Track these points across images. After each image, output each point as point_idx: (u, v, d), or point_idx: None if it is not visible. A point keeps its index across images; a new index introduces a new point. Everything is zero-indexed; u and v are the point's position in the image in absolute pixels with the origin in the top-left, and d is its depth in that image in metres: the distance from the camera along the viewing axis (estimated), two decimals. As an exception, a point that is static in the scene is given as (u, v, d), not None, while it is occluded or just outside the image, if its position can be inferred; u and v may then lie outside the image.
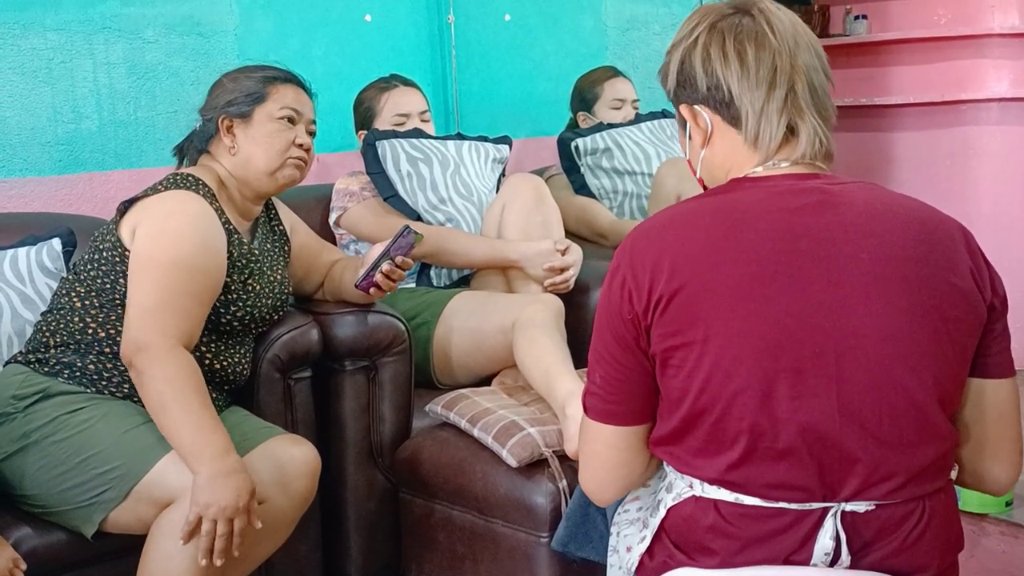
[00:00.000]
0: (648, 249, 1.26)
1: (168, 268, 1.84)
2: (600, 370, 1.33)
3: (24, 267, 2.10)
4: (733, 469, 1.25)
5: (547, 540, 1.92)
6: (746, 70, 1.30)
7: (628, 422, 1.33)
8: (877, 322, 1.22)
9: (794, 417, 1.21)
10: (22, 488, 1.78)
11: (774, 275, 1.22)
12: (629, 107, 3.23)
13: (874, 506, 1.25)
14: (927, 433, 1.25)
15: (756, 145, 1.32)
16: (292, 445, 1.90)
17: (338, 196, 2.65)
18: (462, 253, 2.53)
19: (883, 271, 1.23)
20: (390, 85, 2.75)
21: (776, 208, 1.26)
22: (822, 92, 1.32)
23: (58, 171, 2.58)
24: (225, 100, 2.06)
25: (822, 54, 1.35)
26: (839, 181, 1.30)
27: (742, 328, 1.21)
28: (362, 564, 2.26)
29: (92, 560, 1.82)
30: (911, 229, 1.26)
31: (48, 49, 2.55)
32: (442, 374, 2.46)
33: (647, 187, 3.09)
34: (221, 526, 1.66)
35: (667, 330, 1.24)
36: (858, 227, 1.25)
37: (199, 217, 1.91)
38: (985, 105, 3.42)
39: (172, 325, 1.79)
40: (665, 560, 1.34)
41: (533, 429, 2.01)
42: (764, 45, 1.30)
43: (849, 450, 1.22)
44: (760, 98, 1.29)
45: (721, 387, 1.22)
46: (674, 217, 1.29)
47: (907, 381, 1.22)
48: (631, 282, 1.26)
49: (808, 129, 1.31)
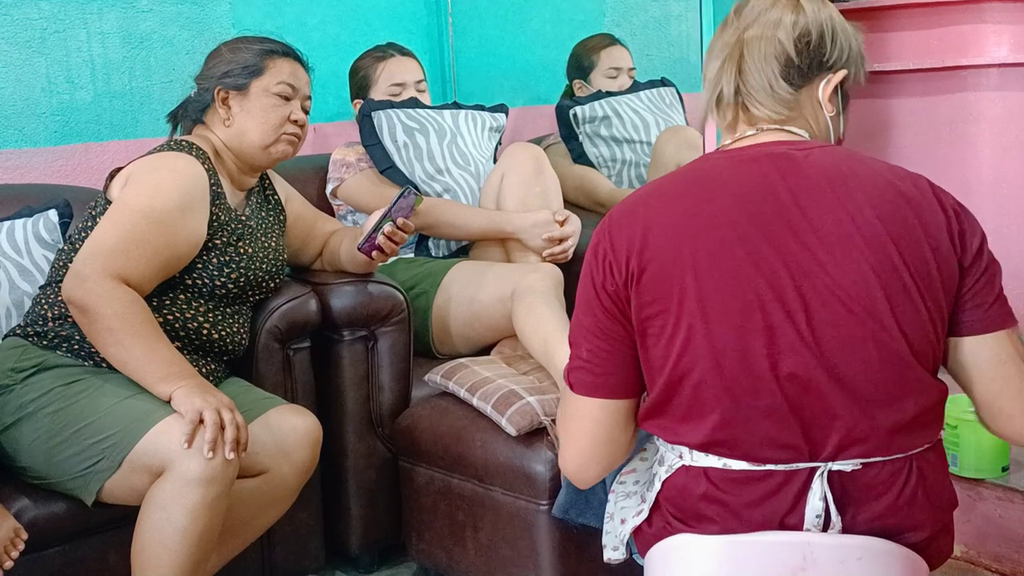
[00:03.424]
0: (624, 223, 1.32)
1: (136, 215, 1.83)
2: (587, 344, 1.36)
3: (21, 239, 2.10)
4: (718, 431, 1.27)
5: (546, 508, 1.93)
6: (711, 48, 1.42)
7: (616, 395, 1.36)
8: (847, 280, 1.25)
9: (772, 374, 1.25)
10: (19, 459, 1.79)
11: (743, 238, 1.26)
12: (625, 75, 3.21)
13: (860, 465, 1.27)
14: (907, 387, 1.27)
15: (718, 113, 1.41)
16: (293, 415, 1.91)
17: (335, 167, 2.64)
18: (460, 225, 2.53)
19: (850, 230, 1.26)
20: (386, 54, 2.73)
21: (743, 174, 1.31)
22: (759, 57, 1.36)
23: (54, 142, 2.57)
24: (222, 71, 2.05)
25: (787, 25, 1.37)
26: (806, 146, 1.34)
27: (715, 290, 1.25)
28: (362, 533, 2.28)
29: (93, 529, 1.84)
30: (878, 189, 1.29)
31: (41, 19, 2.53)
32: (441, 344, 2.46)
33: (645, 155, 3.09)
34: (225, 415, 1.67)
35: (644, 299, 1.29)
36: (824, 188, 1.28)
37: (183, 174, 1.90)
38: (985, 71, 3.39)
39: (120, 267, 1.78)
40: (663, 526, 1.36)
41: (532, 398, 2.01)
42: (726, 26, 1.41)
43: (829, 404, 1.25)
44: (711, 71, 1.40)
45: (699, 350, 1.26)
46: (649, 191, 1.36)
47: (880, 336, 1.25)
48: (611, 255, 1.31)
49: (728, 91, 1.38)
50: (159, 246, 1.83)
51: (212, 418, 1.65)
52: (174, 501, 1.64)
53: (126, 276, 1.78)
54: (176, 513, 1.64)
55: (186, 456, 1.64)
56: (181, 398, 1.69)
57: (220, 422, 1.66)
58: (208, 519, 1.66)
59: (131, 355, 1.75)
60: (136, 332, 1.75)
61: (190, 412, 1.66)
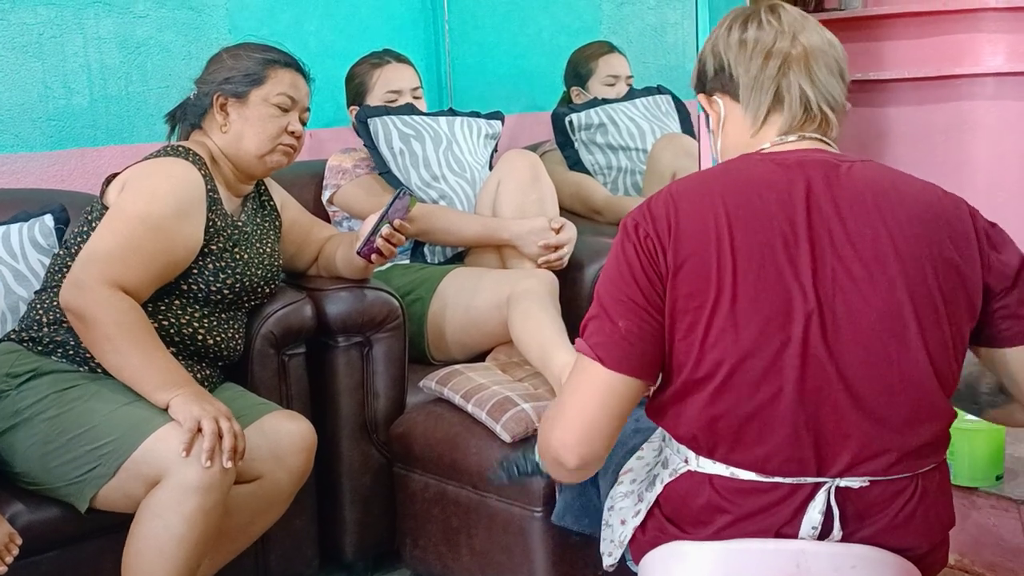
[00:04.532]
0: (664, 215, 1.28)
1: (133, 221, 1.83)
2: (623, 320, 1.28)
3: (16, 243, 2.10)
4: (732, 437, 1.26)
5: (541, 515, 1.93)
6: (743, 46, 1.36)
7: (642, 374, 1.29)
8: (875, 298, 1.23)
9: (793, 386, 1.23)
10: (14, 465, 1.79)
11: (781, 245, 1.24)
12: (623, 83, 3.21)
13: (868, 482, 1.26)
14: (924, 412, 1.26)
15: (754, 115, 1.36)
16: (288, 421, 1.91)
17: (331, 173, 2.64)
18: (455, 231, 2.53)
19: (885, 248, 1.24)
20: (383, 60, 2.73)
21: (785, 180, 1.28)
22: (825, 70, 1.36)
23: (50, 147, 2.57)
24: (223, 77, 2.04)
25: (837, 45, 1.39)
26: (846, 158, 1.33)
27: (749, 294, 1.23)
28: (357, 539, 2.27)
29: (87, 535, 1.83)
30: (916, 208, 1.28)
31: (38, 24, 2.53)
32: (436, 350, 2.46)
33: (641, 163, 3.09)
34: (224, 423, 1.67)
35: (679, 293, 1.26)
36: (863, 202, 1.27)
37: (180, 180, 1.90)
38: (980, 80, 3.40)
39: (117, 274, 1.78)
40: (657, 534, 1.35)
41: (527, 405, 2.01)
42: (764, 26, 1.37)
43: (844, 422, 1.24)
44: (755, 67, 1.35)
45: (724, 354, 1.24)
46: (689, 185, 1.32)
47: (902, 358, 1.24)
48: (655, 240, 1.27)
49: (795, 95, 1.34)
50: (156, 252, 1.83)
51: (210, 427, 1.65)
52: (171, 509, 1.64)
53: (124, 283, 1.78)
54: (173, 521, 1.64)
55: (184, 464, 1.64)
56: (179, 406, 1.69)
57: (218, 431, 1.66)
58: (204, 527, 1.66)
59: (128, 363, 1.74)
60: (134, 340, 1.75)
61: (188, 421, 1.66)
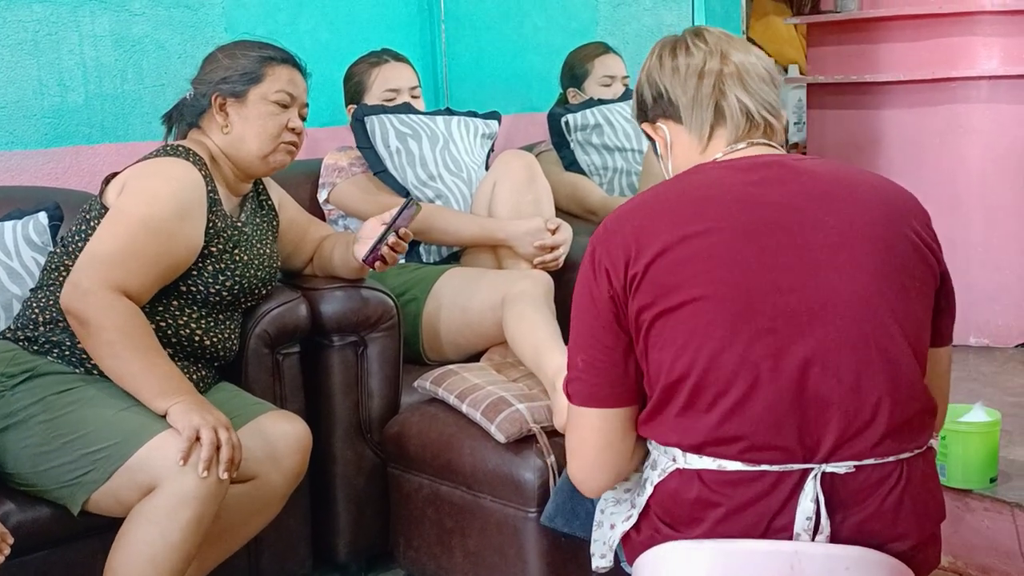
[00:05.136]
0: (620, 230, 1.34)
1: (134, 224, 1.82)
2: (582, 354, 1.37)
3: (11, 241, 2.09)
4: (716, 430, 1.28)
5: (535, 515, 1.93)
6: (676, 71, 1.44)
7: (612, 403, 1.37)
8: (845, 283, 1.27)
9: (771, 376, 1.26)
10: (6, 466, 1.78)
11: (741, 243, 1.28)
12: (619, 83, 3.22)
13: (853, 468, 1.28)
14: (904, 390, 1.29)
15: (699, 133, 1.43)
16: (283, 421, 1.91)
17: (327, 172, 2.63)
18: (451, 231, 2.53)
19: (848, 234, 1.29)
20: (381, 60, 2.73)
21: (739, 182, 1.34)
22: (758, 80, 1.43)
23: (44, 144, 2.56)
24: (220, 76, 2.03)
25: (764, 57, 1.47)
26: (799, 156, 1.40)
27: (714, 293, 1.27)
28: (351, 539, 2.27)
29: (78, 535, 1.82)
30: (874, 196, 1.33)
31: (34, 21, 2.52)
32: (431, 350, 2.46)
33: (637, 164, 3.09)
34: (222, 434, 1.66)
35: (643, 302, 1.30)
36: (821, 194, 1.32)
37: (181, 181, 1.89)
38: (975, 83, 3.41)
39: (119, 278, 1.77)
40: (652, 534, 1.36)
41: (521, 405, 2.01)
42: (691, 50, 1.44)
43: (826, 406, 1.27)
44: (692, 88, 1.42)
45: (697, 352, 1.27)
46: (643, 200, 1.39)
47: (879, 338, 1.27)
48: (607, 262, 1.33)
49: (734, 107, 1.41)
50: (158, 255, 1.83)
51: (209, 437, 1.64)
52: (167, 517, 1.63)
53: (125, 287, 1.77)
54: (169, 529, 1.63)
55: (180, 473, 1.63)
56: (178, 414, 1.68)
57: (216, 441, 1.66)
58: (197, 536, 1.66)
59: (129, 369, 1.74)
60: (135, 346, 1.74)
61: (187, 429, 1.65)
